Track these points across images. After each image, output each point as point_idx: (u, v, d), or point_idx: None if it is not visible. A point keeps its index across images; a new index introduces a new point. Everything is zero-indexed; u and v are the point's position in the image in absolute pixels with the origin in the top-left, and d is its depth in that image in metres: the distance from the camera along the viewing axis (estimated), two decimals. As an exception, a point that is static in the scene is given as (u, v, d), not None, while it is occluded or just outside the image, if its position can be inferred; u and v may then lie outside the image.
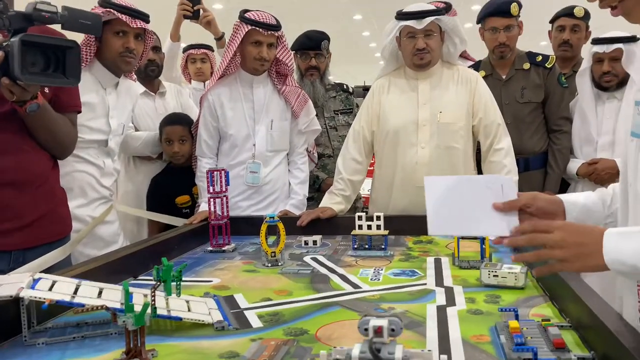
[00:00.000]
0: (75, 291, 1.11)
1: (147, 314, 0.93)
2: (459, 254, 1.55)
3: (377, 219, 1.79)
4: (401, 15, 2.13)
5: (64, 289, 1.10)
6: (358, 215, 1.81)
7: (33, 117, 1.54)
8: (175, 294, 1.05)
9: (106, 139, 2.02)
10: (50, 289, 1.09)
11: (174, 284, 1.05)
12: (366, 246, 1.77)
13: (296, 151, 2.41)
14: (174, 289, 1.07)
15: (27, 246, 1.60)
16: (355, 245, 1.78)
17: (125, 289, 0.95)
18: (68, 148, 1.77)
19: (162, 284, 1.02)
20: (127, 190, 2.50)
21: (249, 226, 2.01)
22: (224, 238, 1.87)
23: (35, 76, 1.39)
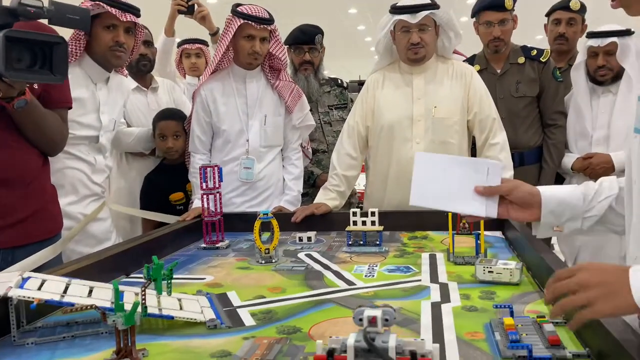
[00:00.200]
0: (65, 290, 1.09)
1: (138, 313, 0.92)
2: (454, 250, 1.54)
3: (372, 214, 1.78)
4: (395, 9, 2.11)
5: (53, 288, 1.08)
6: (352, 211, 1.80)
7: (21, 114, 1.51)
8: (166, 293, 1.04)
9: (97, 135, 1.99)
10: (40, 288, 1.07)
11: (164, 283, 1.03)
12: (361, 242, 1.76)
13: (290, 147, 2.39)
14: (164, 288, 1.06)
15: (17, 244, 1.58)
16: (350, 242, 1.77)
17: (115, 288, 0.94)
18: (59, 145, 1.75)
19: (153, 283, 1.01)
20: (120, 187, 2.48)
21: (243, 222, 2.00)
22: (217, 235, 1.86)
23: (20, 72, 1.37)
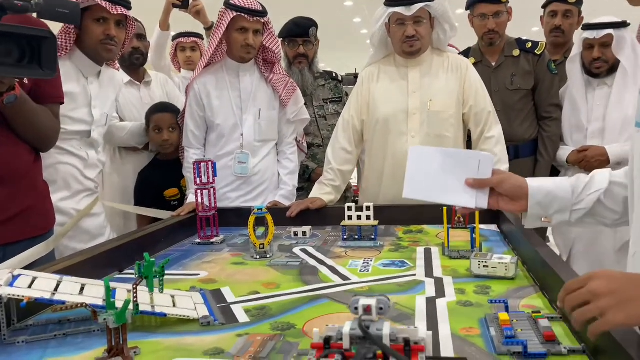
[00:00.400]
0: (56, 288, 1.08)
1: (129, 311, 0.91)
2: (449, 244, 1.53)
3: (367, 209, 1.77)
4: (390, 2, 2.09)
5: (44, 286, 1.07)
6: (348, 206, 1.80)
7: (11, 110, 1.49)
8: (158, 290, 1.02)
9: (89, 130, 1.97)
10: (30, 286, 1.06)
11: (156, 280, 1.02)
12: (356, 237, 1.76)
13: (285, 141, 2.38)
14: (156, 285, 1.05)
15: (8, 241, 1.56)
16: (345, 236, 1.76)
17: (106, 286, 0.93)
18: (50, 141, 1.73)
19: (145, 280, 0.99)
20: (113, 182, 2.46)
21: (238, 217, 1.99)
22: (212, 230, 1.85)
23: (8, 68, 1.34)
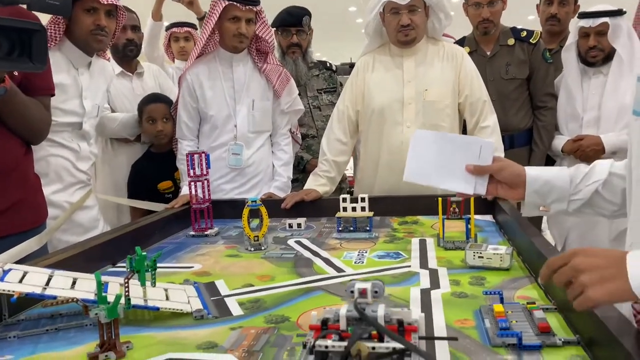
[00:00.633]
0: (48, 282, 1.07)
1: (121, 305, 0.90)
2: (444, 235, 1.53)
3: (362, 200, 1.76)
4: (385, -9, 2.06)
5: (35, 281, 1.06)
6: (342, 197, 1.79)
7: (1, 102, 1.47)
8: (150, 284, 1.01)
9: (80, 122, 1.95)
10: (21, 280, 1.04)
11: (149, 274, 1.01)
12: (351, 228, 1.75)
13: (279, 132, 2.36)
14: (148, 278, 1.04)
15: (0, 235, 1.54)
16: (340, 228, 1.75)
17: (97, 280, 0.92)
18: (41, 133, 1.71)
19: (137, 274, 0.98)
20: (105, 174, 2.44)
21: (232, 209, 1.98)
22: (206, 222, 1.83)
23: None
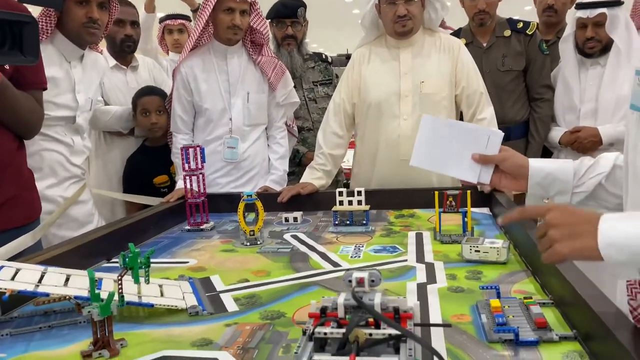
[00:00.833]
0: (40, 279, 1.05)
1: (114, 302, 0.89)
2: (440, 228, 1.52)
3: (358, 194, 1.75)
4: (380, -19, 2.04)
5: (27, 278, 1.05)
6: (339, 191, 1.78)
7: None
8: (144, 282, 1.00)
9: (74, 116, 1.93)
10: (14, 277, 1.03)
11: (142, 271, 1.00)
12: (347, 222, 1.74)
13: (275, 125, 2.34)
14: (142, 274, 1.03)
15: (-7, 231, 1.53)
16: (336, 221, 1.75)
17: (90, 278, 0.91)
18: (34, 128, 1.69)
19: (130, 271, 0.97)
20: (99, 168, 2.43)
21: (228, 203, 1.96)
22: (201, 216, 1.82)
23: None
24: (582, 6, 2.37)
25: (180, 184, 2.04)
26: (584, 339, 0.83)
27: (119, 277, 0.95)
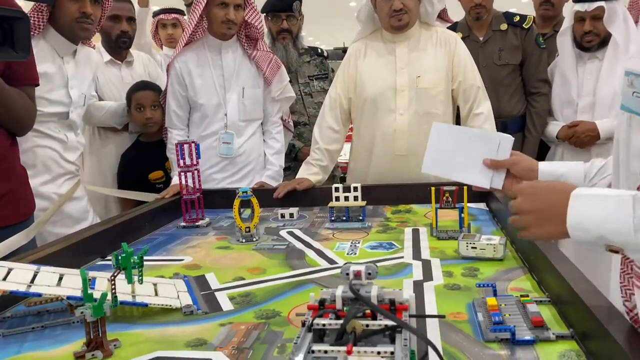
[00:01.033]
0: (33, 279, 1.04)
1: (107, 303, 0.88)
2: (437, 225, 1.51)
3: (355, 189, 1.74)
4: (375, -26, 2.02)
5: (19, 278, 1.03)
6: (335, 187, 1.76)
7: None
8: (138, 281, 0.99)
9: (67, 111, 1.91)
10: (5, 277, 1.02)
11: (136, 271, 0.99)
12: (344, 218, 1.73)
13: (270, 120, 2.32)
14: (136, 272, 1.02)
15: (-14, 229, 1.52)
16: (333, 217, 1.74)
17: (82, 278, 0.90)
18: (27, 124, 1.67)
19: (123, 272, 0.96)
20: (93, 164, 2.41)
21: (224, 199, 1.95)
22: (197, 213, 1.81)
23: None
24: (580, 0, 2.35)
25: (175, 180, 2.03)
26: (580, 338, 0.82)
27: (112, 278, 0.94)
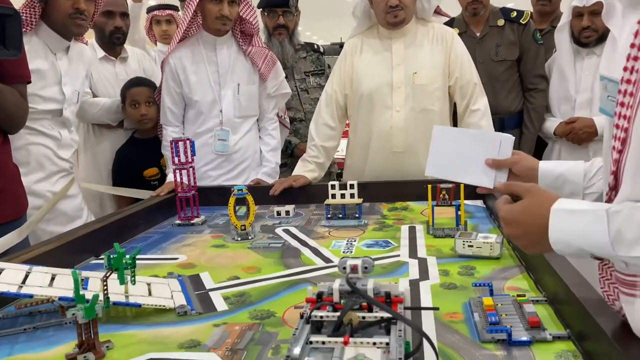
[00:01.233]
0: (24, 280, 1.03)
1: (99, 304, 0.87)
2: (433, 222, 1.50)
3: (351, 187, 1.73)
4: (371, -31, 2.00)
5: (10, 278, 1.02)
6: (331, 184, 1.75)
7: None
8: (130, 282, 0.98)
9: (60, 109, 1.89)
10: (-4, 278, 1.01)
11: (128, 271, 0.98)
12: (340, 215, 1.72)
13: (266, 116, 2.31)
14: (128, 273, 1.01)
15: (-22, 229, 1.50)
16: (329, 215, 1.73)
17: (74, 279, 0.88)
18: (18, 122, 1.65)
19: (115, 272, 0.95)
20: (88, 161, 2.39)
21: (219, 196, 1.94)
22: (192, 210, 1.80)
23: None
24: (578, -5, 2.34)
25: (170, 177, 2.02)
26: (577, 339, 0.82)
27: (104, 279, 0.93)
